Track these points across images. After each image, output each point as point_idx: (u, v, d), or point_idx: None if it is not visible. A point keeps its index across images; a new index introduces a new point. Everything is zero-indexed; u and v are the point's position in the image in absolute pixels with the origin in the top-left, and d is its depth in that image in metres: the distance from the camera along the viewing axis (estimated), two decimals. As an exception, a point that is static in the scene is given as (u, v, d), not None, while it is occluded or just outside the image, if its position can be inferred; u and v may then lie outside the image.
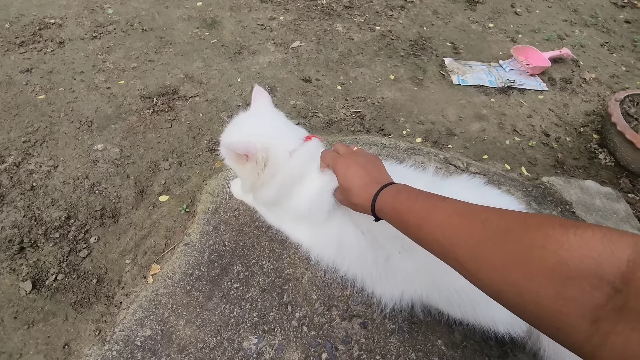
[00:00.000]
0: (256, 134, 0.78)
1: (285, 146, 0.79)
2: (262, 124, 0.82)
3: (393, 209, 0.58)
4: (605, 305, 0.32)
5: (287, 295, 0.92)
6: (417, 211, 0.53)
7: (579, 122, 1.73)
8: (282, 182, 0.80)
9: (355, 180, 0.66)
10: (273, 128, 0.82)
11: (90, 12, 1.85)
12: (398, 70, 1.83)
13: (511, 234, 0.41)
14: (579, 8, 2.51)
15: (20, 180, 1.19)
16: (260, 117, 0.84)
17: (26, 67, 1.54)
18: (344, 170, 0.68)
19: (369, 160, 0.70)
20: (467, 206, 0.49)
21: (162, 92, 1.53)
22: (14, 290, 0.97)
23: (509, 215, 0.43)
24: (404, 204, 0.56)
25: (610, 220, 1.24)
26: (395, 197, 0.59)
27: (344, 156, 0.71)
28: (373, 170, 0.68)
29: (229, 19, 1.95)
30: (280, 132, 0.82)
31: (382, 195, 0.61)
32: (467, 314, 0.75)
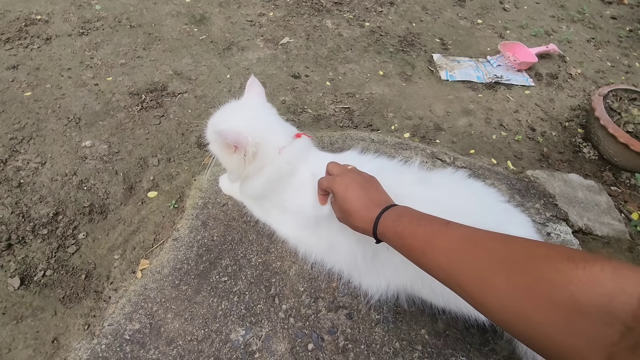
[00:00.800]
0: (248, 126, 0.78)
1: (275, 142, 0.80)
2: (255, 117, 0.82)
3: (395, 233, 0.57)
4: (618, 343, 0.31)
5: (275, 288, 0.94)
6: (421, 236, 0.53)
7: (565, 116, 1.76)
8: (269, 177, 0.81)
9: (355, 202, 0.65)
10: (265, 123, 0.82)
11: (77, 8, 1.83)
12: (387, 66, 1.84)
13: (517, 265, 0.41)
14: (566, 4, 2.54)
15: (7, 177, 1.18)
16: (253, 109, 0.84)
17: (12, 64, 1.52)
18: (343, 192, 0.67)
19: (366, 180, 0.69)
20: (471, 232, 0.49)
21: (151, 88, 1.53)
22: (2, 287, 0.98)
23: (515, 244, 0.43)
24: (406, 228, 0.55)
25: (592, 212, 1.27)
26: (397, 220, 0.58)
27: (341, 176, 0.69)
28: (372, 191, 0.67)
29: (218, 15, 1.94)
30: (271, 128, 0.82)
31: (383, 218, 0.60)
32: (449, 301, 0.77)
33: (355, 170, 0.72)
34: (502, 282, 0.41)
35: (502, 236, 0.46)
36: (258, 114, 0.83)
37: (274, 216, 0.94)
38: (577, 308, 0.34)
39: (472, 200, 0.78)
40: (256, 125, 0.80)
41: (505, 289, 0.40)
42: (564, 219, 1.19)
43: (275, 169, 0.80)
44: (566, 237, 1.13)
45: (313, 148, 0.89)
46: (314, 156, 0.87)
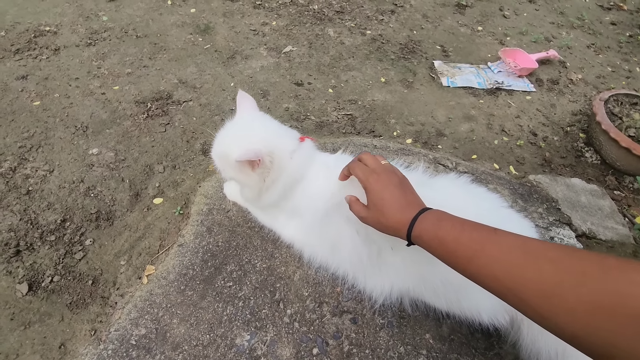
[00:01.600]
0: (256, 140, 0.77)
1: (286, 147, 0.80)
2: (258, 129, 0.81)
3: (436, 237, 0.55)
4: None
5: (279, 293, 0.94)
6: (466, 243, 0.51)
7: (566, 121, 1.77)
8: (284, 184, 0.81)
9: (392, 201, 0.62)
10: (270, 131, 0.82)
11: (85, 19, 1.87)
12: (388, 73, 1.86)
13: (590, 277, 0.39)
14: (566, 10, 2.57)
15: (17, 185, 1.20)
16: (252, 123, 0.83)
17: (22, 74, 1.56)
18: (380, 190, 0.64)
19: (402, 180, 0.67)
20: (524, 241, 0.47)
21: (156, 97, 1.55)
22: (11, 292, 0.99)
23: (582, 256, 0.41)
24: (449, 233, 0.53)
25: (595, 216, 1.28)
26: (437, 224, 0.56)
27: (378, 172, 0.66)
28: (408, 192, 0.65)
29: (222, 25, 1.98)
30: (278, 135, 0.82)
31: (420, 221, 0.58)
32: (452, 305, 0.77)
33: (391, 168, 0.69)
34: (574, 297, 0.39)
35: (562, 247, 0.44)
36: (259, 125, 0.83)
37: (280, 221, 0.95)
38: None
39: (475, 205, 0.79)
40: (263, 136, 0.79)
41: (579, 303, 0.38)
42: (567, 223, 1.20)
43: (290, 174, 0.80)
44: (570, 241, 1.13)
45: (317, 150, 0.91)
46: (320, 158, 0.88)
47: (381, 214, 0.63)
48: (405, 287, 0.81)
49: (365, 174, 0.67)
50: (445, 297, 0.76)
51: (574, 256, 0.42)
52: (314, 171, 0.84)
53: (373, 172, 0.67)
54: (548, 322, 0.41)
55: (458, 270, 0.52)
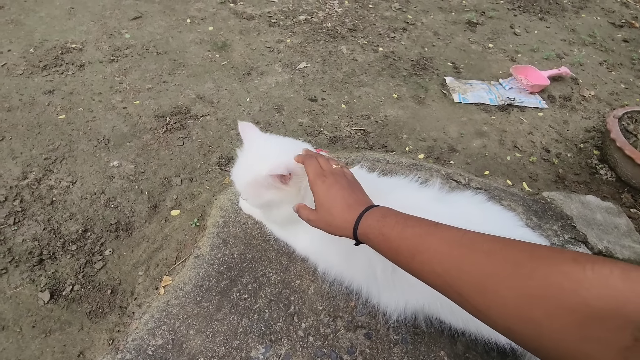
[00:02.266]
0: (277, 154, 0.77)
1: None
2: (273, 146, 0.81)
3: (380, 234, 0.53)
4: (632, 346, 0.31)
5: (294, 306, 0.95)
6: (409, 238, 0.50)
7: (579, 138, 1.76)
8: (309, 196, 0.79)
9: (338, 200, 0.61)
10: (284, 144, 0.83)
11: (109, 36, 1.96)
12: (400, 89, 1.89)
13: (521, 268, 0.39)
14: (577, 28, 2.58)
15: (41, 195, 1.25)
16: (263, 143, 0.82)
17: (48, 89, 1.63)
18: (326, 190, 0.63)
19: (351, 182, 0.66)
20: (464, 234, 0.46)
21: (175, 111, 1.61)
22: (33, 300, 1.02)
23: (515, 246, 0.41)
24: (393, 229, 0.52)
25: (612, 234, 1.26)
26: (381, 221, 0.54)
27: (325, 175, 0.65)
28: (356, 191, 0.63)
29: (238, 42, 2.05)
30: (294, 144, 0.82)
31: (365, 218, 0.57)
32: (468, 322, 0.77)
33: (340, 171, 0.67)
34: (507, 288, 0.38)
35: (497, 238, 0.43)
36: (272, 143, 0.83)
37: (298, 234, 0.96)
38: (589, 313, 0.33)
39: (491, 222, 0.79)
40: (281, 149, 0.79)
41: (510, 296, 0.38)
42: (583, 241, 1.19)
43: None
44: (586, 259, 1.11)
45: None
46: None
47: (328, 214, 0.61)
48: (420, 303, 0.81)
49: (314, 174, 0.66)
50: (461, 315, 0.76)
51: (507, 247, 0.41)
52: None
53: (321, 173, 0.65)
54: (484, 316, 0.41)
55: (403, 267, 0.51)
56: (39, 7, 2.10)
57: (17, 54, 1.79)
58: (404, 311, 0.84)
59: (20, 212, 1.19)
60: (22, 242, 1.13)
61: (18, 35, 1.90)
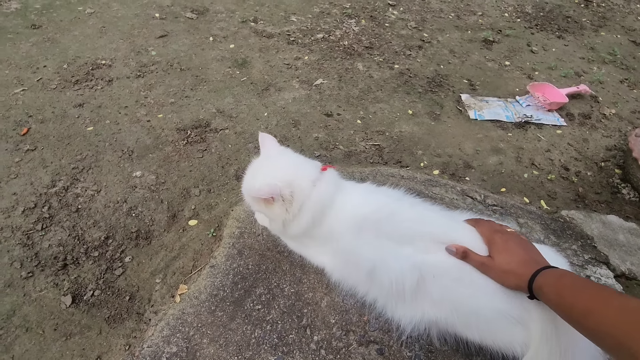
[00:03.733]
0: (275, 174, 0.84)
1: (307, 176, 0.85)
2: (278, 163, 0.88)
3: (556, 291, 0.60)
4: None
5: (306, 319, 0.96)
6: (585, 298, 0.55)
7: (600, 156, 1.73)
8: (312, 211, 0.84)
9: (516, 255, 0.70)
10: (290, 163, 0.89)
11: (136, 54, 2.06)
12: (416, 106, 1.91)
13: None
14: (596, 46, 2.56)
15: (68, 203, 1.31)
16: (273, 157, 0.90)
17: (79, 102, 1.73)
18: (503, 242, 0.73)
19: (527, 241, 0.75)
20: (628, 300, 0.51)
21: (196, 125, 1.67)
22: (56, 304, 1.06)
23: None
24: (569, 288, 0.58)
25: (636, 256, 1.22)
26: (558, 279, 0.61)
27: (503, 232, 0.76)
28: (533, 250, 0.73)
29: (258, 59, 2.12)
30: (298, 165, 0.88)
31: (543, 275, 0.63)
32: (485, 337, 0.76)
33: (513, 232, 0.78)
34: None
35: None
36: (280, 159, 0.90)
37: (311, 248, 0.97)
38: None
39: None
40: (282, 169, 0.86)
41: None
42: (605, 262, 1.15)
43: (315, 202, 0.84)
44: (607, 281, 1.08)
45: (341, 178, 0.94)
46: (347, 186, 0.92)
47: (506, 263, 0.69)
48: (437, 317, 0.80)
49: (490, 230, 0.77)
50: (477, 329, 0.75)
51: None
52: (343, 196, 0.88)
53: (498, 230, 0.77)
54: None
55: (572, 323, 0.56)
56: (74, 26, 2.24)
57: (51, 70, 1.90)
58: (419, 324, 0.82)
59: (48, 219, 1.25)
60: (49, 247, 1.18)
61: (53, 52, 2.03)
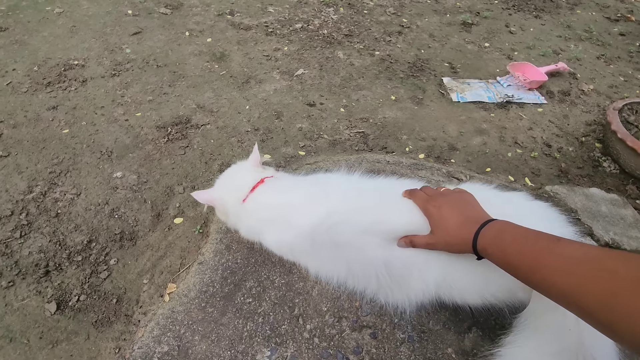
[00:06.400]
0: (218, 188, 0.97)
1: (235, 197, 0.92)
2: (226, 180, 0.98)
3: (499, 250, 0.57)
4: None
5: (298, 308, 0.95)
6: (529, 254, 0.52)
7: (580, 132, 1.76)
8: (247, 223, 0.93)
9: (450, 219, 0.66)
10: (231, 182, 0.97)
11: (110, 52, 2.00)
12: (398, 91, 1.91)
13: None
14: (573, 24, 2.59)
15: (47, 208, 1.27)
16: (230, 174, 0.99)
17: (52, 105, 1.66)
18: (437, 211, 0.68)
19: (460, 198, 0.70)
20: (585, 252, 0.48)
21: (176, 121, 1.63)
22: (40, 312, 1.03)
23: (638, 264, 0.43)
24: (510, 245, 0.55)
25: (618, 226, 1.25)
26: (498, 237, 0.58)
27: (433, 198, 0.71)
28: (467, 208, 0.68)
29: (236, 52, 2.08)
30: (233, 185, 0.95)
31: (483, 234, 0.60)
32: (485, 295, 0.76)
33: (448, 191, 0.73)
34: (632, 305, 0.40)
35: (617, 255, 0.45)
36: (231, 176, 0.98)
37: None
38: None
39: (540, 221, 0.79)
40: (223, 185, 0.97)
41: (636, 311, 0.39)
42: (589, 234, 1.17)
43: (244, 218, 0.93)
44: (592, 251, 1.10)
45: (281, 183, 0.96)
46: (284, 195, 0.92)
47: (446, 234, 0.66)
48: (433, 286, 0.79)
49: (423, 201, 0.73)
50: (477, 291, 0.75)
51: (630, 264, 0.43)
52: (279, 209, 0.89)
53: (428, 199, 0.72)
54: (609, 331, 0.42)
55: (521, 280, 0.54)
56: (42, 27, 2.16)
57: (21, 73, 1.83)
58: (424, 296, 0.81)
59: (26, 225, 1.21)
60: (29, 254, 1.14)
61: (22, 54, 1.95)
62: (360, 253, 0.81)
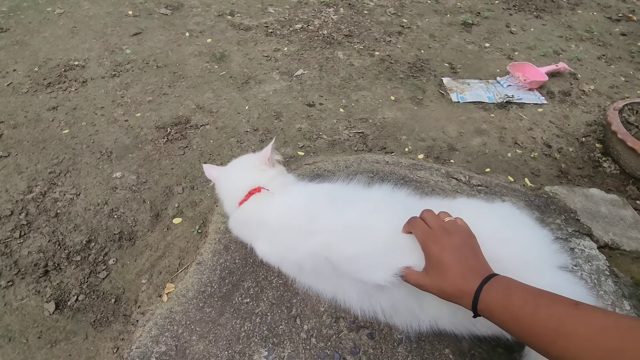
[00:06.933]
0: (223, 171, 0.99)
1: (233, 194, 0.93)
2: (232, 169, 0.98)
3: (507, 312, 0.51)
4: None
5: (296, 309, 0.95)
6: (546, 320, 0.47)
7: (581, 132, 1.75)
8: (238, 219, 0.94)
9: (451, 267, 0.58)
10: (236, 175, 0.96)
11: (110, 53, 2.01)
12: (398, 92, 1.90)
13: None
14: (574, 24, 2.59)
15: (46, 208, 1.27)
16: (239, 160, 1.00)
17: (53, 105, 1.67)
18: (438, 252, 0.60)
19: (464, 243, 0.62)
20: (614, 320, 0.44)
21: (176, 122, 1.63)
22: (39, 311, 1.03)
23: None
24: (523, 308, 0.50)
25: (617, 226, 1.24)
26: (506, 297, 0.52)
27: (436, 234, 0.62)
28: (470, 256, 0.60)
29: (236, 53, 2.08)
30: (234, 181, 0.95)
31: (487, 292, 0.54)
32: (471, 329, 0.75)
33: (453, 227, 0.64)
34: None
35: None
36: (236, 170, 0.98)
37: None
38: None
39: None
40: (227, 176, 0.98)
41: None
42: (588, 234, 1.17)
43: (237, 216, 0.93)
44: (591, 252, 1.10)
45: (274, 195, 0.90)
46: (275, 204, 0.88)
47: (442, 279, 0.59)
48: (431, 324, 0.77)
49: (423, 234, 0.64)
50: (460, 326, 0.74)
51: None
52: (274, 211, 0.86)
53: (432, 232, 0.63)
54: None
55: (537, 349, 0.49)
56: (43, 27, 2.17)
57: (22, 73, 1.84)
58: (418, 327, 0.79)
59: (25, 225, 1.21)
60: (28, 254, 1.14)
61: (23, 55, 1.95)
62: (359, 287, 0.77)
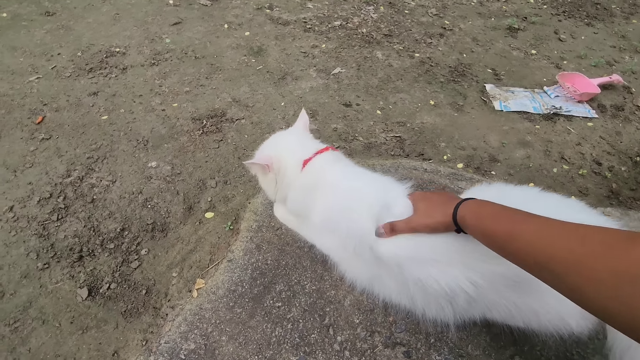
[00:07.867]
0: (275, 149, 0.93)
1: (297, 157, 0.89)
2: (283, 141, 0.95)
3: (477, 219, 0.60)
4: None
5: (329, 318, 0.91)
6: (505, 224, 0.54)
7: (634, 150, 1.63)
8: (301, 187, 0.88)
9: (431, 201, 0.73)
10: (290, 144, 0.94)
11: (150, 41, 2.02)
12: (438, 96, 1.83)
13: (616, 249, 0.39)
14: (628, 34, 2.43)
15: (83, 193, 1.28)
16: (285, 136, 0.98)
17: (93, 91, 1.70)
18: (420, 197, 0.78)
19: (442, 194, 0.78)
20: (560, 222, 0.49)
21: (211, 114, 1.62)
22: (72, 296, 1.04)
23: (607, 230, 0.43)
24: (489, 216, 0.58)
25: (677, 257, 1.14)
26: (478, 209, 0.62)
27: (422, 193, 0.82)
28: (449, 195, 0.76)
29: (274, 47, 2.06)
30: (294, 147, 0.92)
31: (463, 207, 0.64)
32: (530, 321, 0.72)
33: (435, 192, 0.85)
34: (602, 268, 0.39)
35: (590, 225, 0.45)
36: (287, 138, 0.96)
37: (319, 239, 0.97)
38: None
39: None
40: (282, 146, 0.93)
41: (607, 274, 0.39)
42: (646, 264, 1.08)
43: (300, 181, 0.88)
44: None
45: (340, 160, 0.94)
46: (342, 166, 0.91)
47: (425, 213, 0.72)
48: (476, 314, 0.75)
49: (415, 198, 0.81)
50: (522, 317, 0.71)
51: (600, 231, 0.44)
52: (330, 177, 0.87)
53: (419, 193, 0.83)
54: (579, 295, 0.42)
55: (497, 251, 0.56)
56: (87, 13, 2.21)
57: (66, 57, 1.88)
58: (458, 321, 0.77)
59: (63, 209, 1.23)
60: (64, 238, 1.16)
61: (67, 39, 2.00)
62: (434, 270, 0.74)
